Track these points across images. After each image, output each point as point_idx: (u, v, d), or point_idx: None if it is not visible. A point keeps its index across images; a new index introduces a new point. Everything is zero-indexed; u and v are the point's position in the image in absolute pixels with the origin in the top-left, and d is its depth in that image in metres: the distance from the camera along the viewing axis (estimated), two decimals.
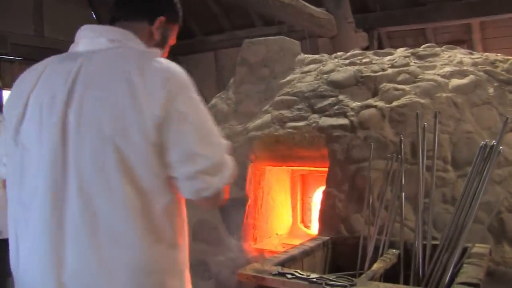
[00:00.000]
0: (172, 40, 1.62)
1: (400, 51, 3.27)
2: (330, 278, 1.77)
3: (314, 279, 1.76)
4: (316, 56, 3.52)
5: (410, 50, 3.24)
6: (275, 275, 1.84)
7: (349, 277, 1.79)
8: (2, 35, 8.52)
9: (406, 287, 1.84)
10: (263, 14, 8.78)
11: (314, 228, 3.10)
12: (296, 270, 1.85)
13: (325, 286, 1.72)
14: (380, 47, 8.17)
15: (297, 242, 2.82)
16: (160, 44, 1.54)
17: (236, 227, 2.96)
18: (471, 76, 2.83)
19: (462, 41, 8.30)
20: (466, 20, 7.67)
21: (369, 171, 2.42)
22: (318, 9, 6.57)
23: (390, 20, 7.82)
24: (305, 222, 3.38)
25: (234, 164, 1.43)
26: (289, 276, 1.81)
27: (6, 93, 3.18)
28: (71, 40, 1.49)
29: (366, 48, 7.46)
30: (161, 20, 1.52)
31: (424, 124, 2.25)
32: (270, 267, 1.93)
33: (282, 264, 2.03)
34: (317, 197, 3.23)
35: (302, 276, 1.79)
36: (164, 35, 1.55)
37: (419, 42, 8.16)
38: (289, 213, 3.33)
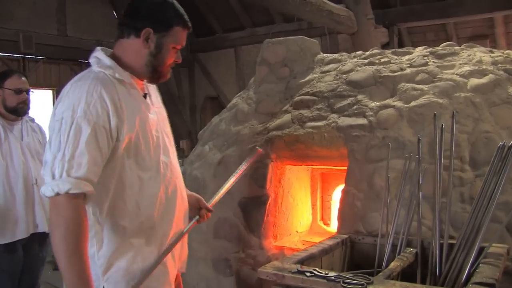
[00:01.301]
0: (177, 44, 1.79)
1: (419, 50, 3.28)
2: (347, 276, 1.82)
3: (332, 277, 1.82)
4: (335, 56, 3.55)
5: (429, 49, 3.24)
6: (294, 273, 1.90)
7: (367, 276, 1.84)
8: (27, 36, 8.73)
9: (423, 286, 1.88)
10: (283, 12, 8.80)
11: (334, 225, 3.14)
12: (315, 268, 1.90)
13: (342, 284, 1.77)
14: (400, 42, 8.12)
15: (317, 239, 2.87)
16: (155, 53, 1.75)
17: (256, 225, 3.02)
18: (491, 76, 2.84)
19: (485, 35, 8.20)
20: (489, 14, 7.56)
21: (387, 171, 2.45)
22: (338, 6, 6.57)
23: (410, 15, 7.76)
24: (325, 219, 3.43)
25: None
26: (308, 274, 1.87)
27: (31, 92, 3.30)
28: (93, 39, 1.64)
29: (387, 44, 7.44)
30: (147, 31, 1.72)
31: (442, 124, 2.27)
32: (289, 265, 1.99)
33: (302, 262, 2.09)
34: (336, 195, 3.28)
35: (321, 274, 1.85)
36: (157, 44, 1.74)
37: (440, 37, 8.11)
38: (309, 211, 3.39)
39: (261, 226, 2.99)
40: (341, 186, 2.89)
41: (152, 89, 1.97)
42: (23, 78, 3.28)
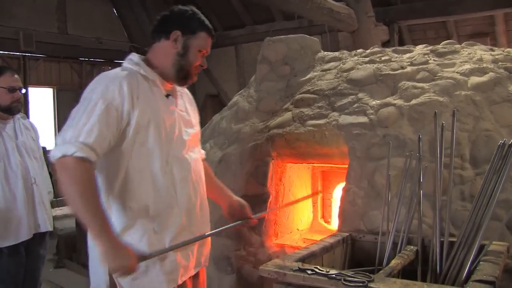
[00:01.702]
0: (202, 48, 2.04)
1: (420, 49, 3.28)
2: (348, 274, 1.83)
3: (333, 275, 1.83)
4: (336, 54, 3.56)
5: (430, 48, 3.25)
6: (295, 271, 1.91)
7: (367, 273, 1.85)
8: (28, 34, 8.73)
9: (423, 283, 1.89)
10: (283, 10, 8.80)
11: (335, 223, 3.15)
12: (316, 266, 1.91)
13: (343, 282, 1.78)
14: (401, 40, 8.12)
15: (317, 237, 2.88)
16: (182, 53, 2.00)
17: (257, 223, 3.03)
18: (491, 74, 2.84)
19: (485, 33, 8.20)
20: (489, 12, 7.56)
21: (388, 169, 2.46)
22: (338, 4, 6.57)
23: (410, 13, 7.76)
24: (326, 217, 3.44)
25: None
26: (309, 272, 1.88)
27: (31, 90, 3.29)
28: (93, 37, 1.72)
29: (387, 42, 7.44)
30: (175, 33, 1.98)
31: (443, 123, 2.28)
32: (291, 263, 2.00)
33: (303, 260, 2.10)
34: (337, 193, 3.29)
35: (322, 272, 1.86)
36: (184, 45, 1.99)
37: (440, 35, 8.12)
38: (309, 208, 3.39)
39: (262, 224, 3.00)
40: (342, 184, 2.90)
41: (186, 98, 2.20)
42: (16, 76, 3.17)
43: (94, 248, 1.92)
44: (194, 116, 2.20)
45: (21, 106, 3.21)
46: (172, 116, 2.01)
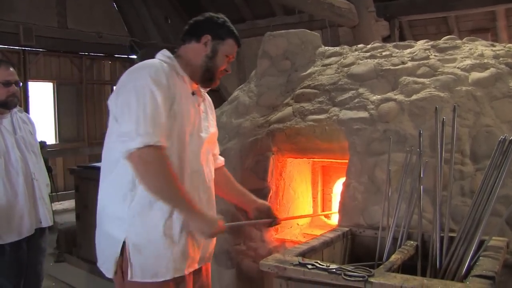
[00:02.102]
0: (229, 54, 2.18)
1: (421, 44, 3.28)
2: (348, 268, 1.83)
3: (333, 270, 1.83)
4: (337, 49, 3.55)
5: (431, 43, 3.24)
6: (296, 265, 1.91)
7: (367, 268, 1.85)
8: (28, 28, 8.71)
9: (423, 278, 1.89)
10: (283, 4, 8.78)
11: (334, 218, 3.16)
12: (316, 261, 1.92)
13: (344, 277, 1.79)
14: (401, 36, 8.10)
15: (317, 232, 2.89)
16: (210, 56, 2.14)
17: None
18: (492, 69, 2.84)
19: (486, 29, 8.18)
20: (491, 8, 7.54)
21: (388, 164, 2.46)
22: None
23: (411, 8, 7.73)
24: None
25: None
26: (309, 266, 1.88)
27: (31, 84, 3.26)
28: (93, 32, 1.73)
29: (387, 37, 7.42)
30: (206, 37, 2.13)
31: (443, 118, 2.28)
32: (291, 258, 2.01)
33: (303, 254, 2.10)
34: (337, 188, 3.29)
35: (322, 266, 1.86)
36: (213, 48, 2.14)
37: (441, 30, 8.10)
38: (310, 203, 3.40)
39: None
40: (342, 179, 2.91)
41: (207, 102, 2.34)
42: (11, 69, 3.10)
43: (104, 226, 2.06)
44: (212, 119, 2.34)
45: (18, 100, 3.15)
46: (195, 112, 2.14)
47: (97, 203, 2.14)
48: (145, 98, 1.90)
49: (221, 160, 2.47)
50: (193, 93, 2.16)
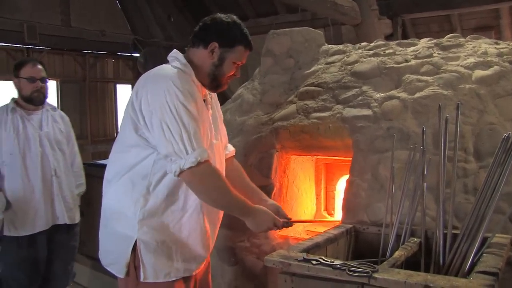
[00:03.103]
0: (238, 60, 2.13)
1: (424, 42, 3.28)
2: (352, 264, 1.85)
3: (338, 265, 1.85)
4: (340, 47, 3.56)
5: (434, 41, 3.25)
6: (300, 261, 1.93)
7: (371, 264, 1.86)
8: (31, 26, 8.73)
9: (427, 274, 1.90)
10: (286, 3, 8.77)
11: (338, 215, 3.17)
12: (321, 257, 1.93)
13: (348, 272, 1.80)
14: (404, 34, 8.09)
15: (321, 229, 2.90)
16: (217, 64, 2.09)
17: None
18: (496, 67, 2.84)
19: (490, 27, 8.15)
20: (494, 5, 7.51)
21: (392, 161, 2.47)
22: None
23: (414, 6, 7.71)
24: (329, 209, 3.46)
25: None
26: (314, 262, 1.89)
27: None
28: (97, 30, 1.73)
29: (390, 35, 7.42)
30: (213, 45, 2.06)
31: (447, 116, 2.29)
32: (295, 254, 2.02)
33: (307, 250, 2.12)
34: (341, 186, 3.30)
35: (326, 262, 1.88)
36: (220, 57, 2.08)
37: (444, 28, 8.08)
38: (313, 201, 3.41)
39: None
40: (345, 177, 2.92)
41: (215, 102, 2.34)
42: (39, 66, 3.22)
43: (113, 227, 2.06)
44: (219, 117, 2.36)
45: (43, 96, 3.24)
46: (207, 119, 2.15)
47: (103, 204, 2.13)
48: (181, 114, 1.90)
49: (231, 149, 2.48)
50: (204, 100, 2.16)
